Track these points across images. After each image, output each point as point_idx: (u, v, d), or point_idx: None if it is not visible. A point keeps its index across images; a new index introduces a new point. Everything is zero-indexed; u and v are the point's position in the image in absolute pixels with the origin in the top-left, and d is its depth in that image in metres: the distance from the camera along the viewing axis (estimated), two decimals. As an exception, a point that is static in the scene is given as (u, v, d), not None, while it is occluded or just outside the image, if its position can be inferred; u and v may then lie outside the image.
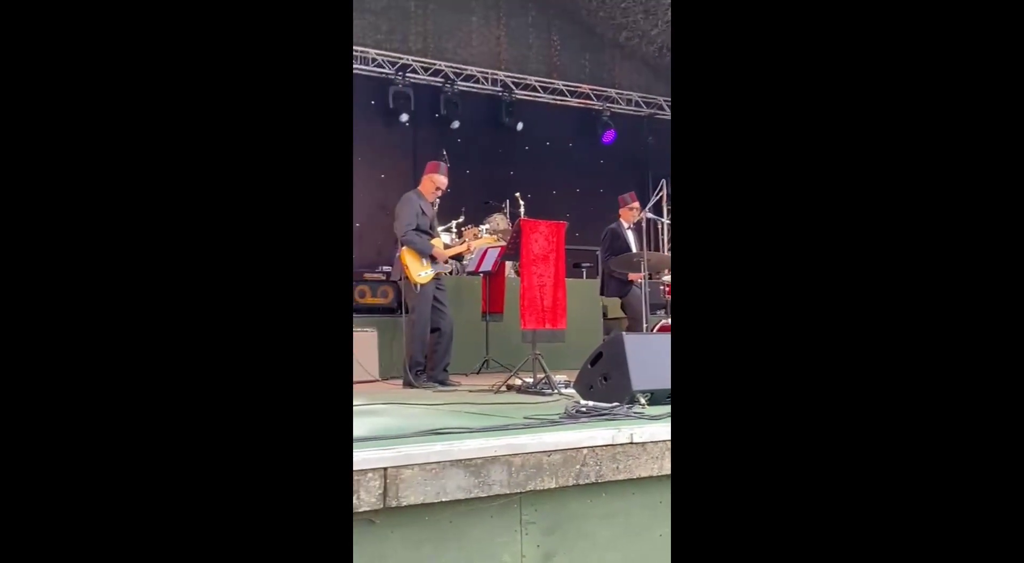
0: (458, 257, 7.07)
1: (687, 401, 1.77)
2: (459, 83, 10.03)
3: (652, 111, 11.50)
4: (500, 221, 8.46)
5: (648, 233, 7.92)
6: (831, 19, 1.76)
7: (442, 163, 6.08)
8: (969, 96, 1.70)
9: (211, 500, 1.63)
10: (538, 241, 5.27)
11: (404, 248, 5.78)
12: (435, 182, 5.97)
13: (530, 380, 5.14)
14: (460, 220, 7.66)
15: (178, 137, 1.69)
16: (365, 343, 6.71)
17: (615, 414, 3.42)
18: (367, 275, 7.55)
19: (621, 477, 2.87)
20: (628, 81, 11.37)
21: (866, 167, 1.72)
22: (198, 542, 1.62)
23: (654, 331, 6.37)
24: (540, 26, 10.83)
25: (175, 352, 1.66)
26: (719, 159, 1.79)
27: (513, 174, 9.87)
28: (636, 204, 7.00)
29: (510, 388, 5.18)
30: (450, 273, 6.99)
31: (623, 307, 6.88)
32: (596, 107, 10.99)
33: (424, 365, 5.81)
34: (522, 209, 7.46)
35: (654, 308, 6.85)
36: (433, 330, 5.83)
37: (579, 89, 10.87)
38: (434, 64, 9.84)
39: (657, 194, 7.57)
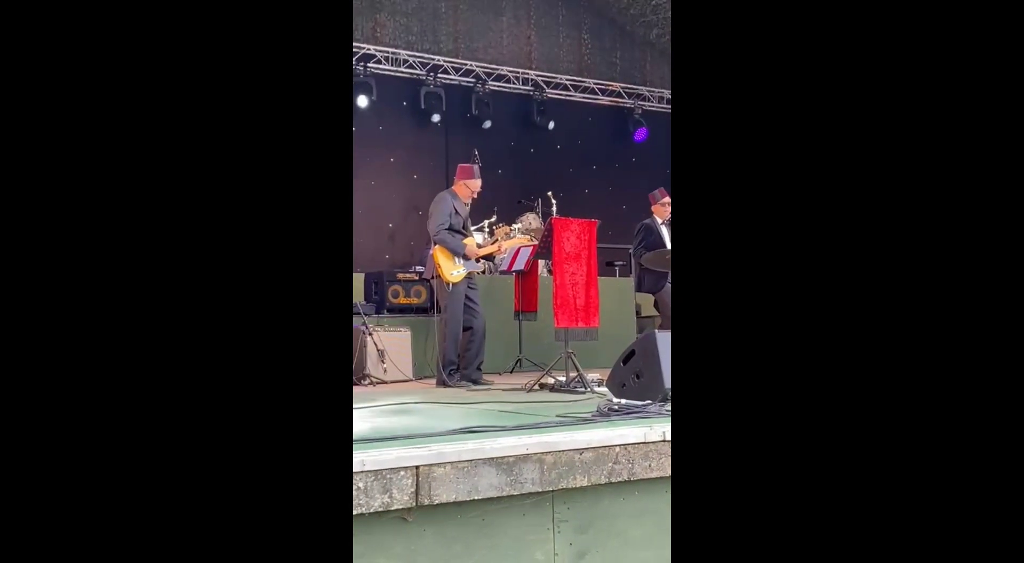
0: (490, 257, 7.08)
1: (687, 401, 1.76)
2: (490, 83, 10.04)
3: (671, 108, 11.39)
4: (532, 220, 8.46)
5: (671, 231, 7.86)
6: (831, 20, 1.74)
7: (475, 165, 6.09)
8: (970, 95, 1.68)
9: (210, 501, 1.64)
10: (570, 239, 5.27)
11: (437, 247, 5.81)
12: (470, 187, 5.99)
13: (563, 378, 5.14)
14: (493, 219, 7.67)
15: (176, 136, 1.70)
16: (399, 343, 6.73)
17: (647, 412, 3.41)
18: (400, 275, 7.57)
19: (654, 475, 2.87)
20: (660, 79, 11.30)
21: (867, 168, 1.71)
22: (198, 542, 1.63)
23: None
24: (571, 25, 10.81)
25: (174, 352, 1.67)
26: (719, 160, 1.78)
27: (545, 173, 9.84)
28: (667, 199, 6.96)
29: (543, 387, 5.18)
30: (482, 272, 6.99)
31: (656, 305, 6.85)
32: (628, 105, 10.94)
33: (457, 364, 5.83)
34: (554, 208, 7.45)
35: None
36: (465, 329, 5.85)
37: (610, 87, 10.83)
38: (465, 64, 9.86)
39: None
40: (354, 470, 2.31)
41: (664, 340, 3.88)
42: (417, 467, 2.46)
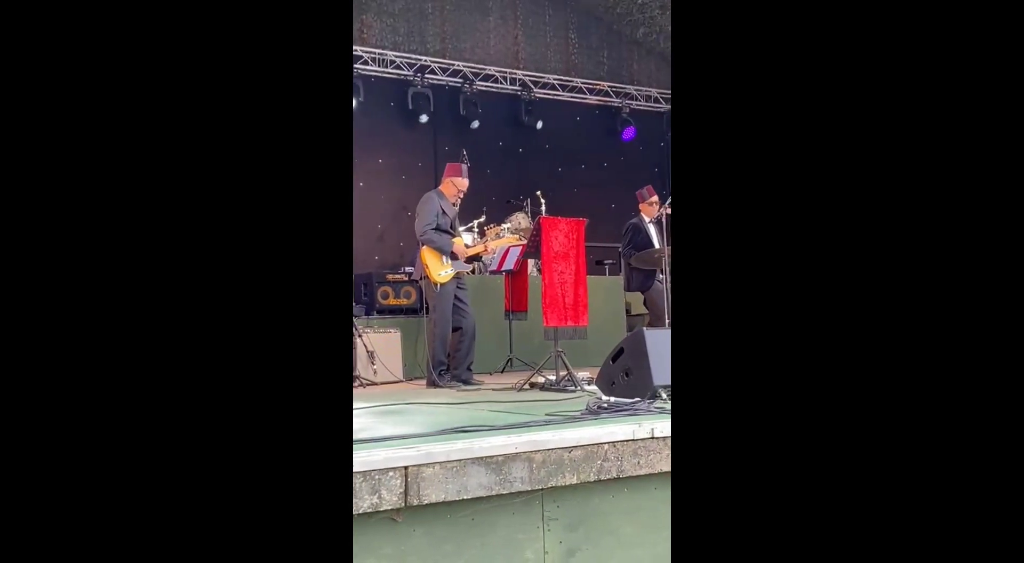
0: (477, 257, 7.09)
1: (687, 398, 1.76)
2: (478, 83, 10.05)
3: (671, 107, 11.44)
4: (522, 219, 8.46)
5: (670, 228, 7.88)
6: (832, 19, 1.75)
7: (463, 165, 6.08)
8: (970, 95, 1.68)
9: (210, 502, 1.64)
10: (558, 238, 5.27)
11: (424, 247, 5.81)
12: (456, 186, 5.98)
13: (553, 377, 5.15)
14: (482, 219, 7.68)
15: (177, 137, 1.70)
16: (388, 344, 6.73)
17: (636, 409, 3.41)
18: (389, 276, 7.58)
19: (643, 472, 2.87)
20: (647, 77, 11.32)
21: (867, 166, 1.71)
22: (199, 543, 1.63)
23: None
24: (557, 24, 10.82)
25: (176, 354, 1.67)
26: (719, 158, 1.78)
27: (534, 172, 9.86)
28: (655, 199, 6.97)
29: (533, 386, 5.19)
30: (472, 272, 7.00)
31: (645, 303, 6.87)
32: (615, 104, 10.96)
33: (447, 364, 5.83)
34: (543, 207, 7.46)
35: (677, 304, 6.82)
36: (455, 329, 5.84)
37: (598, 86, 10.85)
38: (452, 64, 9.86)
39: (678, 189, 7.52)
40: (343, 471, 2.31)
41: (653, 338, 3.89)
42: (406, 467, 2.45)
